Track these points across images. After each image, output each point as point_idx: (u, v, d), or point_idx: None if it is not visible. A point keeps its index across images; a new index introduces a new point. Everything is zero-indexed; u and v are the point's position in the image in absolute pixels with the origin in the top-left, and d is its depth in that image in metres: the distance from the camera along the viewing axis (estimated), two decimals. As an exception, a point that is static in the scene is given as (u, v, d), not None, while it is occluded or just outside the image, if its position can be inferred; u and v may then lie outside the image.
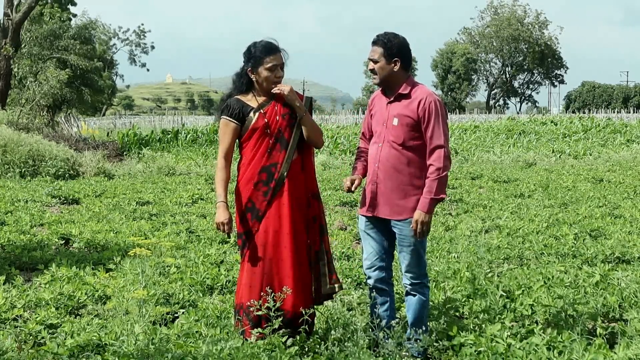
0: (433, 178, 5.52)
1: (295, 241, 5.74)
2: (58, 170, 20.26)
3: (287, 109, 5.82)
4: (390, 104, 5.76)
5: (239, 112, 5.79)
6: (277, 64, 5.75)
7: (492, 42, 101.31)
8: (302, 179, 5.89)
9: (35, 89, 39.70)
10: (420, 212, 5.53)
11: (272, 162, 5.75)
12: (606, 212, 12.97)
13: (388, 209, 5.70)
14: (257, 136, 5.76)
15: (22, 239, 10.20)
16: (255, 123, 5.76)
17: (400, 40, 5.72)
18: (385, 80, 5.74)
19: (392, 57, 5.67)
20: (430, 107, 5.58)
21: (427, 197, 5.52)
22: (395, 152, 5.66)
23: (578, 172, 21.20)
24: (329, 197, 15.45)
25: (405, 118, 5.62)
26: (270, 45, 5.77)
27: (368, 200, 5.81)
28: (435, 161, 5.54)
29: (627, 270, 8.27)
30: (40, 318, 6.43)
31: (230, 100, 5.88)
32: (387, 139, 5.71)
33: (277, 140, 5.77)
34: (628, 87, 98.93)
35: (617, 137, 35.32)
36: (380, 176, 5.73)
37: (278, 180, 5.71)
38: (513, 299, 7.07)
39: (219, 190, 5.77)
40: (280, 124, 5.78)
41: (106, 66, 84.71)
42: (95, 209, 13.70)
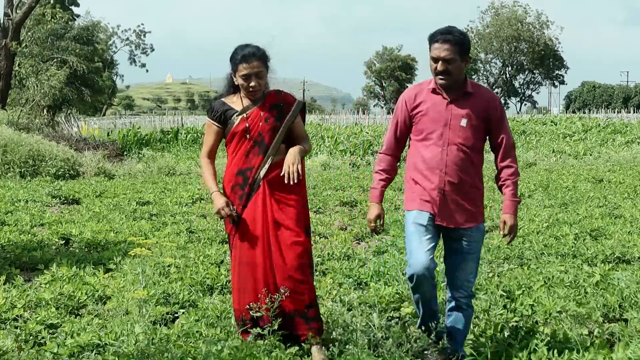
0: (514, 180, 5.34)
1: (273, 243, 5.56)
2: (58, 170, 20.28)
3: (273, 112, 5.69)
4: (451, 103, 5.32)
5: (221, 114, 5.71)
6: (249, 73, 5.53)
7: (493, 42, 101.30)
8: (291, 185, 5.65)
9: (35, 89, 39.70)
10: (512, 216, 5.33)
11: (249, 166, 5.63)
12: (606, 212, 12.97)
13: (461, 217, 5.33)
14: (237, 139, 5.67)
15: (22, 239, 10.20)
16: (236, 127, 5.66)
17: (468, 37, 5.37)
18: (457, 80, 5.31)
19: (466, 54, 5.28)
20: (500, 105, 5.39)
21: (513, 200, 5.33)
22: (463, 155, 5.28)
23: (578, 172, 21.21)
24: (328, 197, 15.45)
25: (476, 118, 5.29)
26: (245, 53, 5.56)
27: (436, 208, 5.33)
28: (513, 162, 5.37)
29: (627, 270, 8.27)
30: (40, 318, 6.43)
31: (216, 102, 5.83)
32: (452, 142, 5.27)
33: (256, 144, 5.64)
34: (628, 87, 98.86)
35: (617, 137, 35.33)
36: (448, 182, 5.28)
37: (252, 184, 5.60)
38: (513, 298, 7.08)
39: (209, 183, 5.70)
40: (261, 128, 5.64)
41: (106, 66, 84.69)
42: (95, 209, 13.70)
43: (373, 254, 9.67)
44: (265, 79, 5.66)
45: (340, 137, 34.90)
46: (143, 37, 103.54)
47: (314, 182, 18.89)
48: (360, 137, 34.59)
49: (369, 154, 28.84)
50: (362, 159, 27.13)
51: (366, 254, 9.48)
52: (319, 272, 8.56)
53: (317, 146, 32.16)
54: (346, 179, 19.62)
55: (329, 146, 32.10)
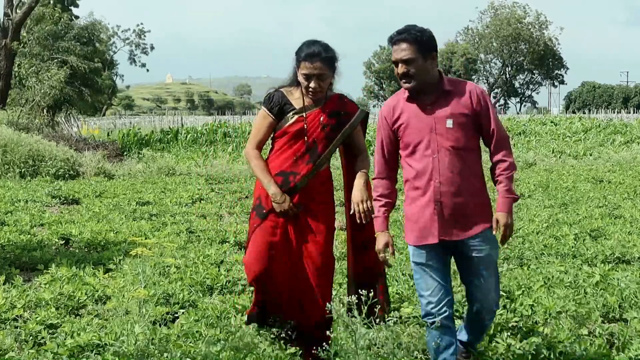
0: (508, 175, 4.87)
1: (290, 251, 5.34)
2: (58, 170, 20.27)
3: (333, 119, 5.35)
4: (432, 106, 4.86)
5: (279, 108, 5.36)
6: (310, 74, 5.20)
7: (492, 42, 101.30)
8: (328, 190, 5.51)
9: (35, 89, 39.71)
10: (506, 214, 4.82)
11: (294, 171, 5.31)
12: (606, 212, 12.97)
13: (460, 227, 4.85)
14: (287, 138, 5.34)
15: (22, 239, 10.20)
16: (291, 125, 5.33)
17: (428, 31, 4.85)
18: (424, 81, 4.84)
19: (429, 51, 4.81)
20: (484, 97, 4.89)
21: (508, 196, 4.85)
22: (457, 159, 4.82)
23: (578, 172, 21.20)
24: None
25: (461, 117, 4.82)
26: (310, 51, 5.21)
27: (431, 226, 4.88)
28: (506, 156, 4.89)
29: (627, 271, 8.27)
30: (40, 318, 6.44)
31: (276, 92, 5.45)
32: (442, 146, 4.81)
33: (308, 150, 5.31)
34: (628, 88, 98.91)
35: (617, 138, 35.29)
36: (444, 191, 4.81)
37: (290, 190, 5.29)
38: (513, 299, 7.09)
39: (267, 179, 5.31)
40: (317, 135, 5.32)
41: (106, 66, 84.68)
42: (95, 209, 13.70)
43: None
44: (328, 81, 5.32)
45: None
46: (143, 36, 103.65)
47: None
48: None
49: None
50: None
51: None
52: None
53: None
54: (346, 179, 19.59)
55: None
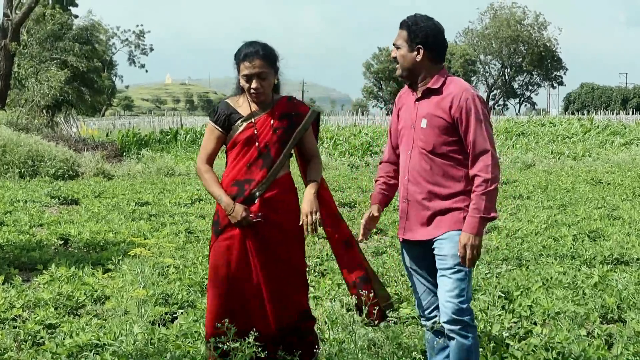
0: (480, 192, 4.47)
1: (252, 264, 5.02)
2: (57, 170, 20.28)
3: (284, 121, 5.12)
4: (418, 101, 4.73)
5: (224, 119, 5.11)
6: (251, 74, 4.96)
7: (491, 43, 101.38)
8: (291, 200, 5.20)
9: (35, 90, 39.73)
10: (468, 235, 4.46)
11: (248, 178, 5.04)
12: (605, 213, 12.97)
13: (421, 228, 4.70)
14: (239, 147, 5.08)
15: (21, 239, 10.20)
16: (240, 133, 5.07)
17: (429, 25, 4.65)
18: (408, 71, 4.70)
19: (415, 43, 4.62)
20: (467, 104, 4.54)
21: (474, 216, 4.47)
22: (427, 161, 4.64)
23: (577, 173, 21.21)
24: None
25: (436, 119, 4.60)
26: (248, 51, 5.00)
27: (401, 221, 4.84)
28: (481, 171, 4.49)
29: (626, 272, 8.28)
30: (39, 318, 6.44)
31: (220, 103, 5.24)
32: (416, 145, 4.70)
33: (261, 155, 5.05)
34: (627, 89, 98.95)
35: (616, 139, 35.31)
36: (411, 190, 4.72)
37: (246, 198, 5.00)
38: (512, 299, 7.09)
39: (218, 191, 5.04)
40: (269, 139, 5.07)
41: (105, 67, 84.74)
42: (94, 209, 13.70)
43: (372, 254, 9.68)
44: (270, 81, 5.06)
45: (339, 138, 34.90)
46: (142, 37, 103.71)
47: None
48: (359, 138, 34.59)
49: (367, 155, 28.79)
50: (361, 160, 27.11)
51: (365, 255, 9.49)
52: (317, 272, 8.56)
53: (316, 147, 32.10)
54: (345, 180, 19.61)
55: (328, 147, 32.09)
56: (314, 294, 7.34)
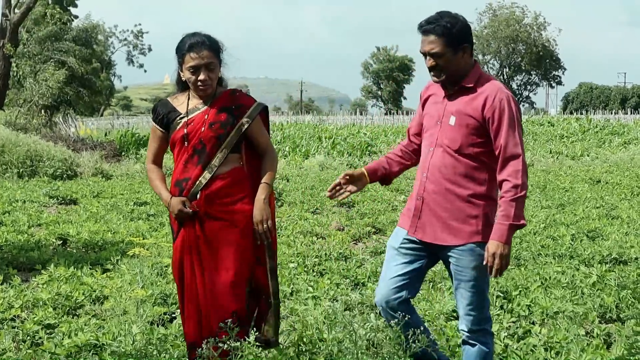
0: (510, 198, 4.28)
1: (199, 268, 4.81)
2: (56, 170, 20.26)
3: (220, 116, 4.84)
4: (448, 97, 4.57)
5: (163, 118, 4.94)
6: (198, 65, 4.70)
7: (490, 43, 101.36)
8: (241, 192, 4.89)
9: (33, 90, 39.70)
10: (497, 243, 4.27)
11: (185, 177, 4.85)
12: (603, 213, 12.99)
13: (438, 231, 4.51)
14: (178, 146, 4.90)
15: (20, 239, 10.19)
16: (176, 132, 4.89)
17: (462, 21, 4.46)
18: (454, 75, 4.49)
19: (459, 44, 4.41)
20: (502, 105, 4.35)
21: (504, 223, 4.28)
22: (450, 160, 4.47)
23: (575, 173, 21.24)
24: (326, 197, 15.43)
25: (466, 117, 4.43)
26: (193, 41, 4.74)
27: (411, 219, 4.64)
28: (510, 176, 4.29)
29: (624, 271, 8.29)
30: (37, 318, 6.43)
31: (159, 102, 5.07)
32: (440, 142, 4.52)
33: (195, 152, 4.83)
34: (625, 89, 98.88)
35: (615, 139, 35.39)
36: (429, 189, 4.54)
37: (188, 196, 4.82)
38: (510, 299, 7.10)
39: (159, 188, 5.00)
40: (203, 135, 4.81)
41: (104, 67, 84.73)
42: (92, 209, 13.70)
43: (370, 254, 9.69)
44: (216, 72, 4.82)
45: (337, 138, 34.93)
46: (140, 37, 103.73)
47: (311, 182, 18.92)
48: (357, 137, 34.63)
49: (366, 155, 28.85)
50: (360, 159, 27.14)
51: (363, 255, 9.49)
52: (316, 272, 8.57)
53: (314, 147, 32.18)
54: (344, 180, 19.62)
55: (327, 147, 32.10)
56: (312, 294, 7.34)
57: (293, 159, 28.08)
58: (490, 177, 4.45)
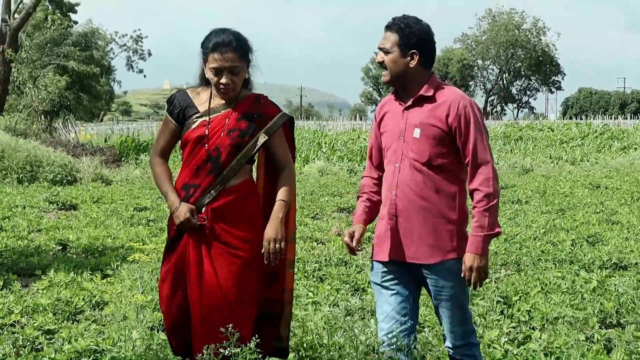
0: (483, 208, 4.14)
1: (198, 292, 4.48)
2: (55, 176, 20.26)
3: (242, 123, 4.49)
4: (407, 110, 4.37)
5: (179, 112, 4.58)
6: (221, 67, 4.37)
7: (489, 48, 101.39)
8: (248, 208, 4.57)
9: (33, 95, 39.69)
10: (474, 256, 4.16)
11: (195, 183, 4.48)
12: (603, 218, 13.00)
13: (413, 250, 4.31)
14: (190, 147, 4.51)
15: (20, 244, 10.19)
16: (192, 131, 4.50)
17: (422, 28, 4.30)
18: (398, 78, 4.35)
19: (409, 48, 4.26)
20: (467, 112, 4.22)
21: (478, 234, 4.15)
22: (418, 175, 4.28)
23: (575, 178, 21.25)
24: (326, 203, 15.47)
25: (431, 128, 4.25)
26: (219, 40, 4.39)
27: (384, 241, 4.42)
28: (482, 185, 4.16)
29: (624, 276, 8.29)
30: (37, 324, 6.42)
31: (178, 93, 4.70)
32: (406, 157, 4.31)
33: (209, 159, 4.45)
34: (625, 94, 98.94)
35: (614, 144, 35.41)
36: (400, 207, 4.32)
37: (194, 206, 4.46)
38: (510, 304, 7.09)
39: (165, 186, 4.59)
40: (220, 141, 4.45)
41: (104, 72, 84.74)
42: (92, 214, 13.70)
43: (370, 260, 9.68)
44: (241, 76, 4.48)
45: (337, 143, 34.93)
46: (140, 42, 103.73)
47: (311, 188, 18.93)
48: (357, 143, 34.63)
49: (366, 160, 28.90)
50: (360, 165, 27.14)
51: (363, 260, 9.48)
52: (316, 278, 8.56)
53: (314, 152, 32.20)
54: (343, 185, 19.65)
55: (326, 152, 32.11)
56: (312, 299, 7.34)
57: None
58: (461, 188, 4.32)
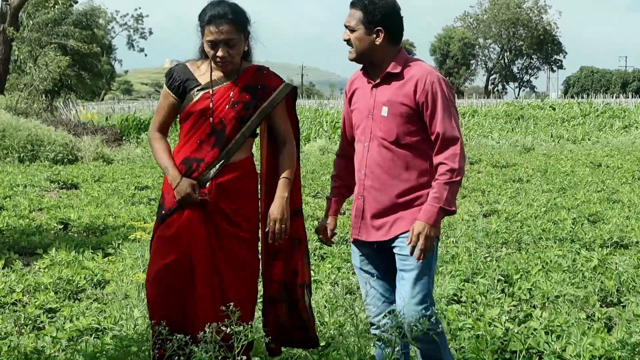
0: (444, 181, 4.03)
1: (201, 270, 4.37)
2: (57, 155, 20.25)
3: (246, 95, 4.38)
4: (375, 87, 4.26)
5: (179, 85, 4.43)
6: (217, 40, 4.24)
7: (491, 27, 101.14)
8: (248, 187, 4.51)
9: (34, 74, 39.65)
10: (424, 224, 4.02)
11: (197, 157, 4.36)
12: (604, 196, 12.99)
13: (379, 228, 4.26)
14: (193, 120, 4.39)
15: (21, 223, 10.20)
16: (194, 104, 4.37)
17: (387, 3, 4.16)
18: (365, 55, 4.23)
19: (374, 24, 4.13)
20: (434, 88, 4.09)
21: (434, 205, 4.03)
22: (387, 153, 4.18)
23: (576, 157, 21.21)
24: (327, 181, 15.44)
25: (399, 106, 4.14)
26: (214, 12, 4.25)
27: (354, 220, 4.41)
28: (448, 159, 4.05)
29: (625, 255, 8.29)
30: (39, 302, 6.44)
31: (177, 66, 4.55)
32: (375, 136, 4.22)
33: (214, 132, 4.35)
34: (626, 72, 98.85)
35: (616, 122, 35.34)
36: (368, 186, 4.27)
37: (196, 181, 4.34)
38: (511, 283, 7.11)
39: (164, 160, 4.42)
40: (225, 114, 4.36)
41: (104, 51, 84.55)
42: (93, 193, 13.70)
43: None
44: (239, 48, 4.33)
45: (338, 122, 34.86)
46: (141, 21, 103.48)
47: (312, 166, 18.90)
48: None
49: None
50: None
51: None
52: (317, 256, 8.57)
53: (315, 131, 32.16)
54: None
55: (328, 131, 32.05)
56: (313, 278, 7.35)
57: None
58: (431, 164, 4.17)
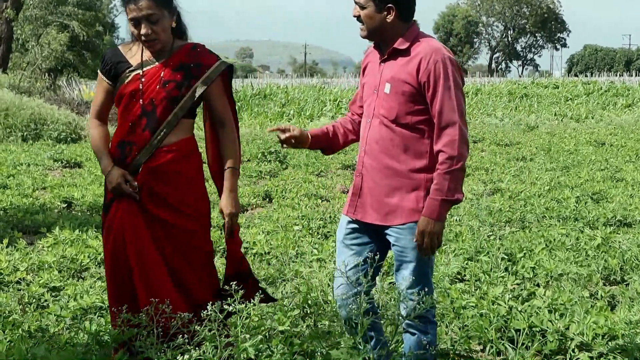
0: (444, 171, 3.87)
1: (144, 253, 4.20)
2: (60, 133, 20.22)
3: (178, 74, 4.21)
4: (384, 62, 4.12)
5: (110, 68, 4.27)
6: (137, 17, 4.05)
7: (494, 5, 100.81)
8: (189, 170, 4.31)
9: (36, 53, 39.55)
10: (428, 220, 3.91)
11: (130, 140, 4.22)
12: (608, 175, 12.99)
13: (375, 210, 4.10)
14: (125, 102, 4.24)
15: (25, 202, 10.21)
16: (125, 86, 4.22)
17: None
18: (376, 33, 4.05)
19: (384, 2, 3.95)
20: (437, 67, 3.89)
21: (436, 198, 3.90)
22: (387, 132, 4.05)
23: (580, 135, 21.19)
24: (330, 160, 15.43)
25: (402, 84, 3.98)
26: None
27: (350, 198, 4.25)
28: (447, 146, 3.88)
29: (629, 233, 8.29)
30: (43, 281, 6.46)
31: (108, 50, 4.40)
32: (377, 113, 4.09)
33: (144, 114, 4.18)
34: (630, 51, 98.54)
35: (619, 101, 35.28)
36: (367, 164, 4.14)
37: (129, 166, 4.20)
38: (515, 261, 7.11)
39: (99, 150, 4.31)
40: (155, 94, 4.18)
41: (107, 30, 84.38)
42: (97, 172, 13.68)
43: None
44: (163, 24, 4.13)
45: (341, 100, 34.82)
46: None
47: (315, 145, 18.87)
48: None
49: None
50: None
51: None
52: (320, 235, 8.57)
53: (318, 110, 32.13)
54: (348, 143, 19.61)
55: (331, 109, 32.01)
56: (317, 256, 7.36)
57: (297, 122, 28.03)
58: (432, 148, 4.00)
